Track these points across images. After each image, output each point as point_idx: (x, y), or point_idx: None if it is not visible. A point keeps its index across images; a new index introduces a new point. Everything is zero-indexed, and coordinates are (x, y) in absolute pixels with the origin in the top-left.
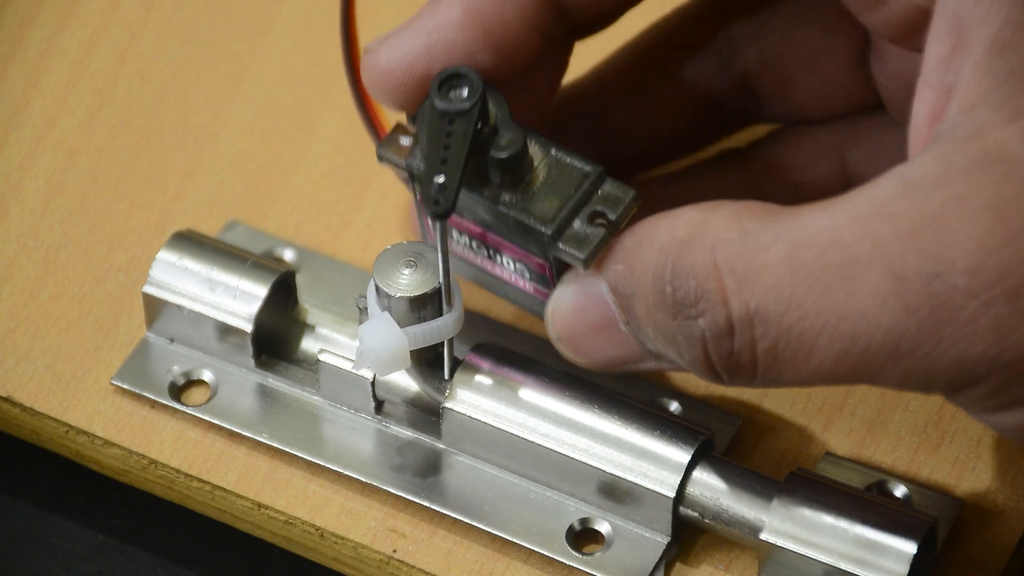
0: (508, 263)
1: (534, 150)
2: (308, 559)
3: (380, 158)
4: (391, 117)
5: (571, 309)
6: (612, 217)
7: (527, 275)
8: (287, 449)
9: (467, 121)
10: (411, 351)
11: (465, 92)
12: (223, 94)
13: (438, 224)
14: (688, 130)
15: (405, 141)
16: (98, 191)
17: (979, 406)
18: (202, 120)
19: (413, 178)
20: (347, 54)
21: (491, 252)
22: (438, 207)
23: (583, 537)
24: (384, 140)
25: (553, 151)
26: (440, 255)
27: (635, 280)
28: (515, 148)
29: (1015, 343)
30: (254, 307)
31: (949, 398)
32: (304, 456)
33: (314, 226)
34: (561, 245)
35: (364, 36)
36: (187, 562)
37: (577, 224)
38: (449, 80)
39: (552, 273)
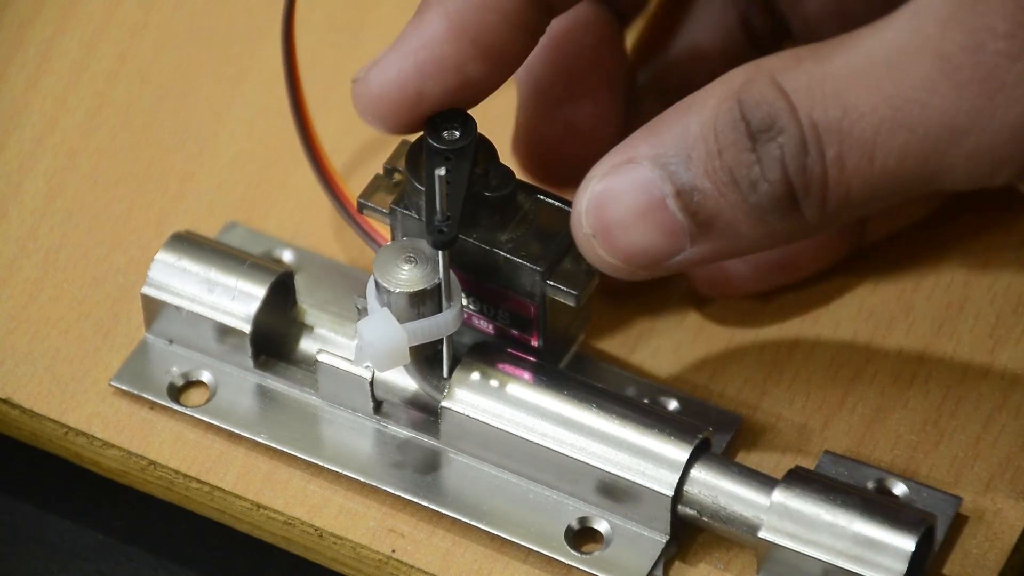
0: (477, 305)
1: (521, 195)
2: (307, 559)
3: (361, 208)
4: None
5: (611, 197)
6: None
7: (499, 317)
8: (286, 449)
9: (464, 157)
10: (410, 348)
11: (458, 132)
12: (223, 95)
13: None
14: (730, 56)
15: (385, 190)
16: (98, 192)
17: None
18: (202, 121)
19: (395, 226)
20: (302, 133)
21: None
22: (442, 236)
23: (582, 536)
24: (364, 191)
25: (539, 195)
26: (441, 252)
27: (692, 140)
28: (506, 188)
29: None
30: (252, 308)
31: (1021, 183)
32: (303, 456)
33: (313, 227)
34: (553, 282)
35: (365, 38)
36: (187, 562)
37: (567, 263)
38: (442, 121)
39: (536, 313)
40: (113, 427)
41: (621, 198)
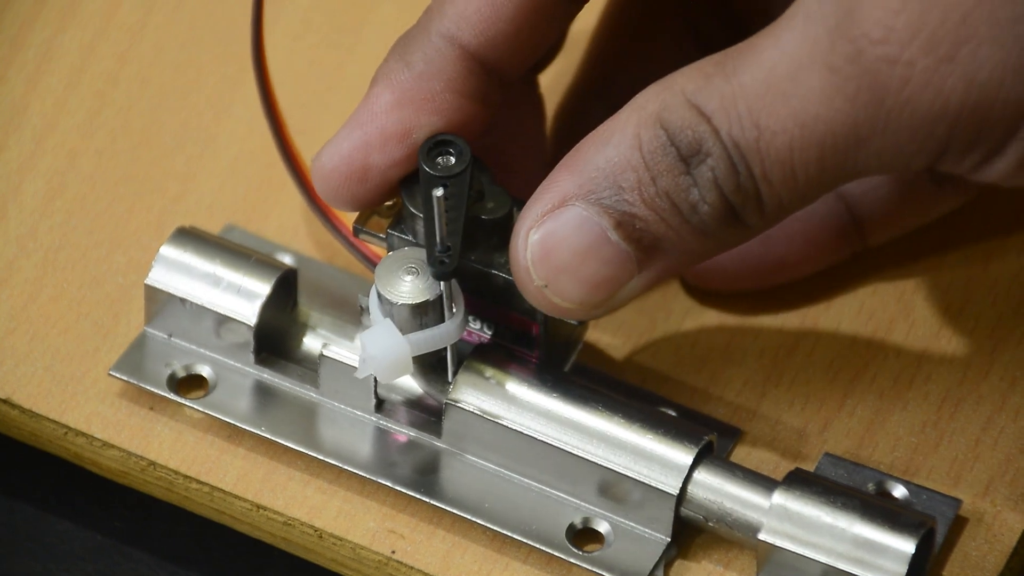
0: (478, 323)
1: (517, 213)
2: (307, 560)
3: (356, 233)
4: None
5: (553, 243)
6: None
7: (499, 333)
8: (286, 443)
9: (461, 184)
10: (413, 356)
11: (453, 159)
12: (223, 96)
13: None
14: (679, 62)
15: (379, 214)
16: (97, 193)
17: (974, 165)
18: (202, 122)
19: (392, 250)
20: (288, 161)
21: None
22: (444, 267)
23: (583, 536)
24: (359, 217)
25: None
26: None
27: (620, 170)
28: (502, 211)
29: (953, 88)
30: (258, 303)
31: (944, 167)
32: (304, 451)
33: (313, 230)
34: None
35: (366, 38)
36: (186, 563)
37: None
38: (436, 147)
39: (541, 330)
40: (113, 427)
41: (563, 242)
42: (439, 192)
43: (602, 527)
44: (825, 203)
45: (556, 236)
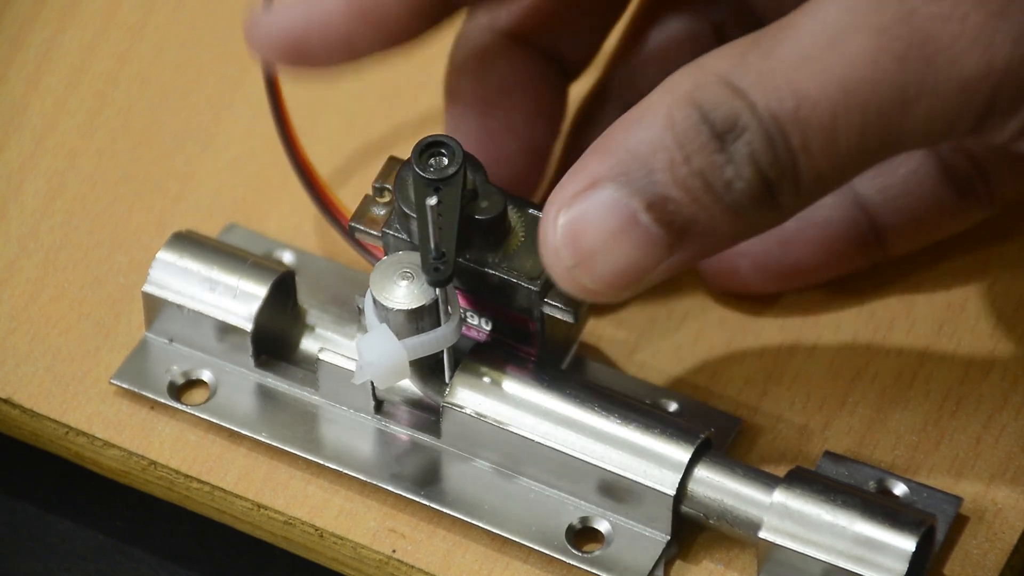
0: (475, 319)
1: (511, 212)
2: (307, 559)
3: (351, 232)
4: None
5: (582, 225)
6: None
7: (496, 329)
8: (286, 448)
9: (454, 188)
10: (410, 360)
11: (446, 160)
12: (223, 96)
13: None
14: None
15: (375, 211)
16: (98, 193)
17: (1016, 131)
18: (202, 122)
19: (389, 247)
20: (294, 161)
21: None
22: (439, 274)
23: (583, 536)
24: (355, 214)
25: (530, 211)
26: None
27: (651, 151)
28: (496, 210)
29: (1001, 45)
30: (254, 306)
31: (988, 136)
32: (304, 455)
33: (313, 228)
34: (550, 301)
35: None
36: (187, 563)
37: None
38: (428, 149)
39: (538, 328)
40: (114, 427)
41: (593, 224)
42: (432, 201)
43: (602, 526)
44: (844, 211)
45: (586, 217)
